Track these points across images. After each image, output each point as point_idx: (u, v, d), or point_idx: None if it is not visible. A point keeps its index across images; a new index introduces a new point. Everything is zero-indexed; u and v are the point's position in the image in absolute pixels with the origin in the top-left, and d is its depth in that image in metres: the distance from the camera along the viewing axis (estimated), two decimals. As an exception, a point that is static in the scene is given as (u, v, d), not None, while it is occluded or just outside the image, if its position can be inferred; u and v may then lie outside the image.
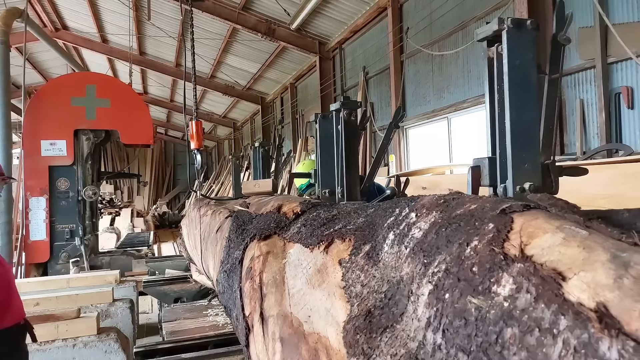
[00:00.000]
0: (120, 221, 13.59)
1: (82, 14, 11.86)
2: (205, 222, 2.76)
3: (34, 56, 13.74)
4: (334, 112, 2.27)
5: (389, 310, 0.84)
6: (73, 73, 9.35)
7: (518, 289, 0.60)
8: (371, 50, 8.78)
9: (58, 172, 5.73)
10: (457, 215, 0.86)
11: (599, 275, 0.52)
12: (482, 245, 0.71)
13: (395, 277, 0.89)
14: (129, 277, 5.41)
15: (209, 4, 9.58)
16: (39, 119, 5.64)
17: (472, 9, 5.94)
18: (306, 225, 1.52)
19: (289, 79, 13.18)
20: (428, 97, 7.07)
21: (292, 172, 3.59)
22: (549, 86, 1.33)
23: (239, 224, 2.00)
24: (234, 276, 1.59)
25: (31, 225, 5.71)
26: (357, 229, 1.23)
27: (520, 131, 1.20)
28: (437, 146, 6.97)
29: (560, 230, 0.63)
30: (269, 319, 1.16)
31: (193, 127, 2.74)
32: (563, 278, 0.55)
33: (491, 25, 1.22)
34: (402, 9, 7.65)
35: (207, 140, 25.27)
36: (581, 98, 4.50)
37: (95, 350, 2.95)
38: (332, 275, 1.10)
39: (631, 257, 0.51)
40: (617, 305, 0.47)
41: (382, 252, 1.00)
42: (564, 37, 1.31)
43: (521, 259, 0.63)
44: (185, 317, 3.44)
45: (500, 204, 0.81)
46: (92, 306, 3.80)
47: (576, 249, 0.58)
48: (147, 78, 16.43)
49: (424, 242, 0.87)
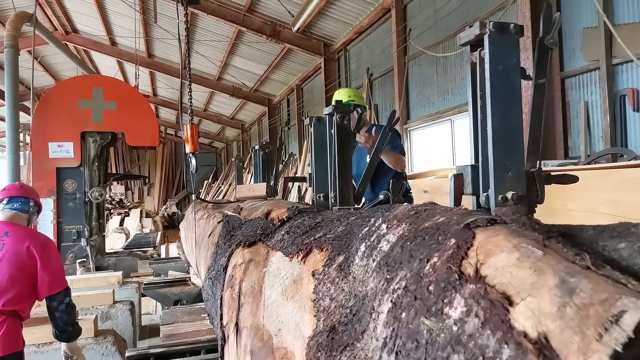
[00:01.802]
0: (130, 221, 13.70)
1: (91, 17, 11.99)
2: (200, 226, 2.76)
3: (45, 59, 13.92)
4: (327, 116, 2.24)
5: (352, 327, 0.81)
6: (80, 76, 9.44)
7: (468, 312, 0.57)
8: (376, 52, 8.74)
9: (65, 174, 5.79)
10: (424, 229, 0.83)
11: (544, 302, 0.49)
12: (440, 262, 0.69)
13: (362, 291, 0.87)
14: (133, 278, 5.45)
15: (215, 7, 9.62)
16: (46, 121, 5.71)
17: (476, 9, 5.87)
18: (289, 233, 1.49)
19: (295, 81, 13.19)
20: (432, 98, 7.01)
21: (285, 177, 3.58)
22: (535, 91, 1.30)
23: (228, 229, 1.99)
24: (218, 284, 1.58)
25: (39, 226, 5.76)
26: (335, 238, 1.20)
27: (502, 138, 1.16)
28: (441, 148, 6.91)
29: (517, 250, 0.60)
30: (242, 330, 1.14)
31: (188, 131, 2.73)
32: (510, 303, 0.52)
33: (473, 30, 1.19)
34: (406, 9, 7.60)
35: (216, 141, 25.43)
36: (585, 100, 4.41)
37: (92, 353, 2.97)
38: (305, 287, 1.08)
39: (579, 283, 0.48)
40: (557, 337, 0.44)
41: (353, 264, 0.98)
42: (551, 40, 1.27)
43: (474, 280, 0.60)
44: (183, 320, 3.43)
45: (466, 218, 0.77)
46: (93, 308, 3.83)
47: (527, 271, 0.55)
48: (156, 80, 16.57)
49: (389, 256, 0.84)
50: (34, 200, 2.44)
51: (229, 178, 19.77)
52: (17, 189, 2.42)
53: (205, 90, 16.03)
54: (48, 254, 2.27)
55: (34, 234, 2.35)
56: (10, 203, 2.33)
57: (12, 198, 2.34)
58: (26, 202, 2.37)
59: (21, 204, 2.35)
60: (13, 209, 2.32)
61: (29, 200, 2.39)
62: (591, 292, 0.46)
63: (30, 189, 2.51)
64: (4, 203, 2.34)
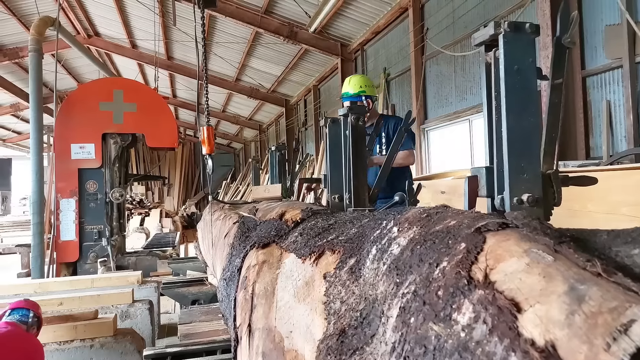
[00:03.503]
0: (150, 221, 13.94)
1: (113, 21, 12.23)
2: (216, 227, 2.78)
3: (68, 62, 14.28)
4: (342, 117, 2.24)
5: (362, 330, 0.81)
6: (101, 79, 9.65)
7: (476, 318, 0.56)
8: (393, 51, 8.69)
9: (87, 175, 5.91)
10: (434, 232, 0.82)
11: (553, 309, 0.48)
12: (450, 267, 0.68)
13: (372, 295, 0.86)
14: (153, 277, 5.53)
15: (232, 9, 9.71)
16: (69, 123, 5.84)
17: (495, 7, 5.78)
18: (302, 235, 1.50)
19: (312, 81, 13.21)
20: (450, 98, 6.94)
21: (301, 178, 3.59)
22: (552, 92, 1.27)
23: (243, 230, 2.00)
24: (232, 285, 1.59)
25: (62, 225, 5.90)
26: (347, 240, 1.20)
27: (518, 139, 1.15)
28: (459, 148, 6.83)
29: (527, 255, 0.59)
30: (255, 332, 1.15)
31: (204, 132, 2.76)
32: (519, 309, 0.52)
33: (487, 30, 1.18)
34: (423, 8, 7.53)
35: (234, 142, 25.66)
36: (608, 99, 4.30)
37: (111, 351, 3.03)
38: (317, 289, 1.08)
39: (588, 290, 0.47)
40: (564, 346, 0.44)
41: (364, 267, 0.97)
42: (568, 39, 1.25)
43: (483, 285, 0.59)
44: (200, 320, 3.47)
45: (477, 221, 0.76)
46: (113, 307, 3.90)
47: (536, 277, 0.54)
48: (176, 82, 16.81)
49: (399, 260, 0.83)
50: (34, 312, 2.64)
51: (246, 178, 19.93)
52: (21, 302, 2.64)
53: (223, 92, 16.19)
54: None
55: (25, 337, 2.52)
56: (11, 315, 2.55)
57: (14, 310, 2.58)
58: (26, 315, 2.58)
59: (20, 316, 2.56)
60: (14, 319, 2.54)
61: (29, 312, 2.59)
62: (600, 299, 0.45)
63: (33, 303, 2.71)
64: (6, 314, 2.56)
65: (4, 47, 12.47)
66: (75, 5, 11.33)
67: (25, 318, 2.54)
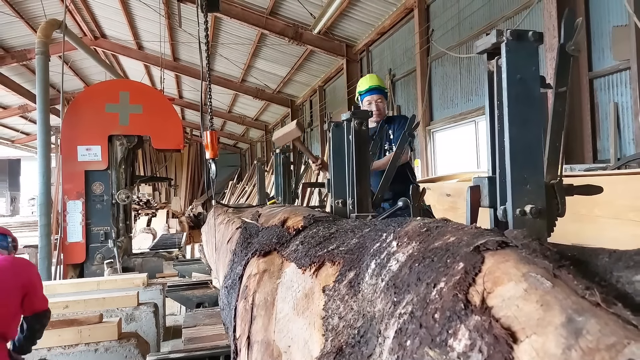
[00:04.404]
0: (157, 222, 14.01)
1: (119, 23, 12.30)
2: (220, 231, 2.78)
3: (75, 63, 14.38)
4: (345, 122, 2.23)
5: (359, 349, 0.80)
6: (107, 81, 9.70)
7: (472, 346, 0.55)
8: (398, 52, 8.66)
9: (93, 177, 5.94)
10: (433, 249, 0.81)
11: (549, 342, 0.46)
12: (447, 289, 0.67)
13: (370, 312, 0.85)
14: (159, 278, 5.55)
15: (238, 11, 9.72)
16: (75, 125, 5.88)
17: (501, 8, 5.74)
18: (304, 243, 1.48)
19: (317, 82, 13.20)
20: (455, 99, 6.90)
21: (304, 182, 3.57)
22: (555, 100, 1.25)
23: (245, 237, 2.00)
24: (233, 293, 1.58)
25: (68, 227, 5.94)
26: (348, 251, 1.18)
27: (520, 150, 1.12)
28: (465, 150, 6.78)
29: (525, 280, 0.58)
30: (254, 345, 1.14)
31: (208, 137, 2.76)
32: (515, 340, 0.50)
33: (490, 38, 1.16)
34: (429, 9, 7.49)
35: (240, 142, 25.71)
36: (615, 101, 4.24)
37: (115, 355, 3.04)
38: (316, 303, 1.07)
39: (586, 323, 0.46)
40: (560, 383, 0.42)
41: (363, 281, 0.96)
42: (572, 47, 1.22)
43: (480, 311, 0.58)
44: (204, 323, 3.48)
45: (476, 239, 0.75)
46: (118, 309, 3.92)
47: (534, 305, 0.52)
48: (182, 83, 16.87)
49: (397, 277, 0.82)
50: (10, 237, 2.70)
51: (252, 179, 19.96)
52: None
53: (229, 92, 16.23)
54: (30, 275, 2.50)
55: (12, 259, 2.58)
56: None
57: None
58: (5, 239, 2.64)
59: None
60: None
61: (6, 237, 2.65)
62: (598, 334, 0.43)
63: (4, 229, 2.76)
64: None
65: (11, 49, 12.58)
66: (82, 7, 11.41)
67: (5, 243, 2.62)
